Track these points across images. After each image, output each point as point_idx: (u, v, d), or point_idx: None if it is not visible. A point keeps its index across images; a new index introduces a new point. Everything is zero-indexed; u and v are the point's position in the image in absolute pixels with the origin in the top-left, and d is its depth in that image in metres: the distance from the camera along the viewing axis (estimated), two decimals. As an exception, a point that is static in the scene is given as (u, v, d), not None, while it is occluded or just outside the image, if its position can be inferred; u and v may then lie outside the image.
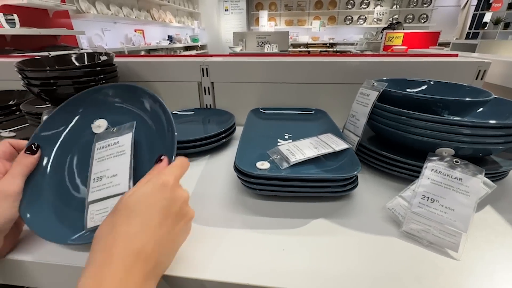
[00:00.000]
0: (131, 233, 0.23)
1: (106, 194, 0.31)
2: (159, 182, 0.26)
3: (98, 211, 0.31)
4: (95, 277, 0.20)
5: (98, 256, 0.22)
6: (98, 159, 0.34)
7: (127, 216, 0.24)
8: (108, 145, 0.35)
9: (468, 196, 0.33)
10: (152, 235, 0.24)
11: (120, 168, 0.32)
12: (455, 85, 0.50)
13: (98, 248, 0.23)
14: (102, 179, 0.32)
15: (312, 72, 0.67)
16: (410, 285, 0.28)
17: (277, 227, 0.36)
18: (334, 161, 0.44)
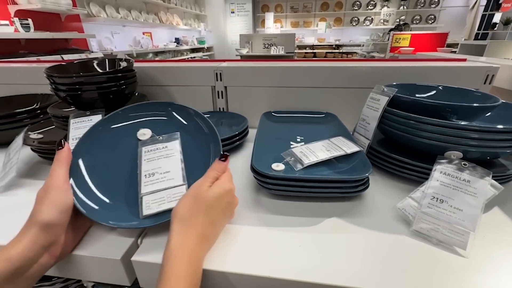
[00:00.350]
0: (205, 223, 0.32)
1: (160, 187, 0.37)
2: (227, 188, 0.35)
3: (153, 201, 0.36)
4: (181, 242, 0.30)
5: (181, 231, 0.30)
6: (147, 159, 0.39)
7: (206, 207, 0.32)
8: (156, 149, 0.40)
9: (476, 197, 0.35)
10: (215, 224, 0.34)
11: (172, 167, 0.38)
12: (464, 90, 0.52)
13: (182, 224, 0.31)
14: (154, 175, 0.38)
15: (322, 77, 0.69)
16: (420, 280, 0.29)
17: (292, 225, 0.38)
18: (346, 163, 0.46)
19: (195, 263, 0.29)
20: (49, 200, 0.32)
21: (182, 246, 0.29)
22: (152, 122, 0.46)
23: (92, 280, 0.38)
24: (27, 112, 0.69)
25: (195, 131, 0.44)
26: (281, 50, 4.10)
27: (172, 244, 0.29)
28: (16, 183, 0.50)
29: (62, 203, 0.32)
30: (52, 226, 0.31)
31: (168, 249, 0.29)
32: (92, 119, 0.55)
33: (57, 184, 0.33)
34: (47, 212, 0.31)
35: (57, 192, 0.33)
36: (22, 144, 0.51)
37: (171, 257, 0.28)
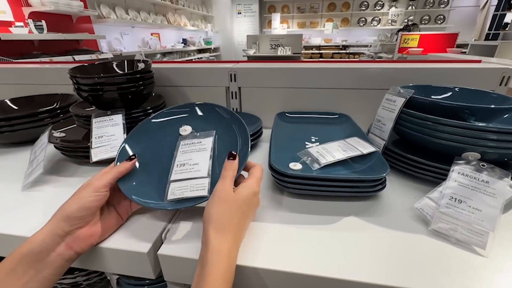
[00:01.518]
0: (237, 226, 0.33)
1: (187, 176, 0.39)
2: (253, 192, 0.36)
3: (178, 188, 0.38)
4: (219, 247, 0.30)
5: (218, 235, 0.31)
6: (182, 151, 0.42)
7: (237, 209, 0.34)
8: (192, 143, 0.43)
9: (495, 198, 0.35)
10: (243, 226, 0.35)
11: (201, 160, 0.40)
12: (480, 91, 0.52)
13: (218, 228, 0.32)
14: (184, 166, 0.40)
15: (335, 78, 0.70)
16: (440, 277, 0.30)
17: (311, 223, 0.39)
18: (362, 164, 0.46)
19: (232, 267, 0.30)
20: (79, 195, 0.35)
21: (221, 250, 0.30)
22: (194, 119, 0.49)
23: (117, 273, 0.39)
24: (48, 111, 0.71)
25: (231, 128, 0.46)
26: (288, 51, 4.10)
27: (212, 247, 0.30)
28: (42, 179, 0.52)
29: (88, 201, 0.34)
30: (71, 219, 0.33)
31: (209, 251, 0.29)
32: (113, 119, 0.57)
33: (95, 185, 0.35)
34: (70, 204, 0.34)
35: (89, 191, 0.35)
36: (47, 142, 0.53)
37: (212, 261, 0.29)
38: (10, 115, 0.66)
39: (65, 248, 0.32)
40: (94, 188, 0.35)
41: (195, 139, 0.43)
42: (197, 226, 0.39)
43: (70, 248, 0.33)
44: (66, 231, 0.33)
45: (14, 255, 0.31)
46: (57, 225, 0.33)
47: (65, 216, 0.33)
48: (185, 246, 0.35)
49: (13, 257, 0.30)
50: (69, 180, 0.53)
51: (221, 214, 0.32)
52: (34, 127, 0.69)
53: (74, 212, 0.33)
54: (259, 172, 0.38)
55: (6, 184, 0.52)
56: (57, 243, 0.32)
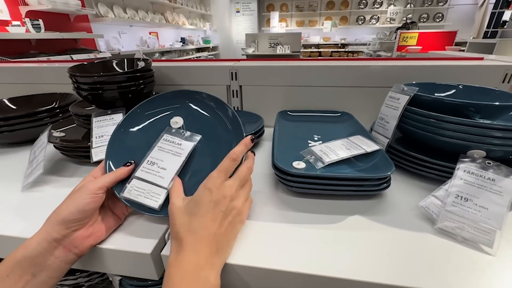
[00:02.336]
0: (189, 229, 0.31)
1: (150, 179, 0.38)
2: (205, 188, 0.33)
3: (136, 188, 0.37)
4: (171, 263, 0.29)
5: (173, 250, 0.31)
6: (159, 148, 0.40)
7: (190, 214, 0.32)
8: (173, 141, 0.40)
9: (501, 196, 0.35)
10: (208, 230, 0.31)
11: (171, 165, 0.38)
12: (484, 89, 0.52)
13: (173, 242, 0.31)
14: (153, 165, 0.38)
15: (336, 76, 0.70)
16: (448, 276, 0.30)
17: (316, 222, 0.39)
18: (366, 162, 0.46)
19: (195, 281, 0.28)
20: (72, 198, 0.34)
21: (175, 264, 0.29)
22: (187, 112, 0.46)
23: (119, 274, 0.39)
24: (47, 111, 0.71)
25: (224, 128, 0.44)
26: (287, 50, 4.10)
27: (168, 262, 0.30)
28: (42, 179, 0.52)
29: (83, 204, 0.33)
30: (67, 222, 0.32)
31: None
32: (113, 118, 0.56)
33: (90, 187, 0.34)
34: (66, 207, 0.33)
35: (85, 193, 0.34)
36: (47, 142, 0.52)
37: (168, 276, 0.28)
38: (9, 115, 0.65)
39: (63, 251, 0.32)
40: (90, 190, 0.34)
41: (177, 138, 0.41)
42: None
43: (68, 251, 0.32)
44: (63, 234, 0.32)
45: (8, 261, 0.30)
46: (53, 228, 0.32)
47: (61, 219, 0.32)
48: (189, 246, 0.35)
49: (7, 263, 0.30)
50: (69, 180, 0.52)
51: (175, 225, 0.32)
52: (33, 127, 0.69)
53: (70, 215, 0.32)
54: (226, 160, 0.34)
55: (5, 184, 0.51)
56: (54, 246, 0.31)
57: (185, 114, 0.46)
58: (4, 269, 0.29)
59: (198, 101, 0.46)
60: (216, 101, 0.45)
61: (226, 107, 0.44)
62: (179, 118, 0.44)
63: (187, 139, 0.41)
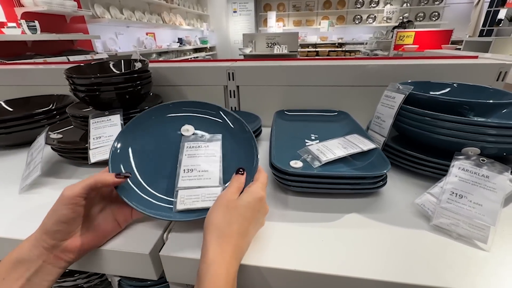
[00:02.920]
0: (238, 233, 0.31)
1: (197, 184, 0.38)
2: (258, 197, 0.34)
3: (188, 197, 0.37)
4: (217, 256, 0.29)
5: (217, 243, 0.29)
6: (188, 155, 0.40)
7: (238, 216, 0.32)
8: (198, 146, 0.41)
9: (495, 192, 0.35)
10: (247, 234, 0.33)
11: (211, 167, 0.39)
12: (478, 87, 0.52)
13: (217, 235, 0.30)
14: (193, 171, 0.38)
15: (333, 76, 0.70)
16: (443, 272, 0.30)
17: (313, 221, 0.39)
18: (362, 161, 0.46)
19: (231, 278, 0.28)
20: (53, 207, 0.32)
21: (219, 260, 0.28)
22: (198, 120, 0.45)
23: (118, 275, 0.39)
24: (44, 113, 0.70)
25: (239, 133, 0.43)
26: (285, 49, 4.10)
27: (209, 258, 0.28)
28: (40, 181, 0.52)
29: (61, 215, 0.31)
30: (51, 233, 0.31)
31: (205, 263, 0.28)
32: (111, 119, 0.56)
33: (65, 195, 0.32)
34: (48, 218, 0.32)
35: (61, 203, 0.32)
36: (45, 144, 0.52)
37: (210, 273, 0.27)
38: (6, 117, 0.65)
39: (53, 259, 0.31)
40: (66, 199, 0.31)
41: (201, 142, 0.41)
42: (198, 227, 0.39)
43: (59, 259, 0.32)
44: (50, 244, 0.31)
45: (3, 264, 0.30)
46: (41, 237, 0.31)
47: (45, 230, 0.31)
48: (187, 246, 0.35)
49: (3, 266, 0.30)
50: (67, 182, 0.52)
51: (221, 220, 0.31)
52: (30, 129, 0.68)
53: (51, 226, 0.31)
54: (264, 177, 0.37)
55: (3, 186, 0.51)
56: (45, 254, 0.31)
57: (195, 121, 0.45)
58: (0, 272, 0.29)
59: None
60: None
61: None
62: (189, 126, 0.44)
63: (211, 141, 0.41)
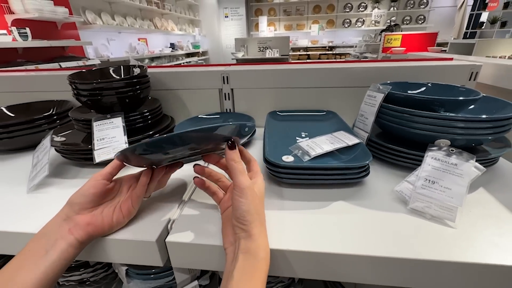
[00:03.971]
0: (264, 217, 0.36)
1: None
2: (263, 183, 0.38)
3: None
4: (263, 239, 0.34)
5: (260, 228, 0.34)
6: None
7: (261, 204, 0.36)
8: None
9: (462, 178, 0.40)
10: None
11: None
12: (450, 86, 0.58)
13: (258, 220, 0.34)
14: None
15: (322, 78, 0.75)
16: (419, 247, 0.35)
17: (304, 208, 0.43)
18: (348, 154, 0.51)
19: (269, 261, 0.33)
20: (82, 186, 0.39)
21: (266, 246, 0.33)
22: None
23: (126, 263, 0.42)
24: (45, 117, 0.73)
25: None
26: (276, 53, 4.18)
27: (260, 244, 0.32)
28: (46, 182, 0.54)
29: (85, 189, 0.38)
30: (72, 204, 0.37)
31: (258, 248, 0.32)
32: (113, 121, 0.60)
33: (94, 177, 0.39)
34: (74, 194, 0.38)
35: (89, 182, 0.39)
36: (50, 146, 0.55)
37: (262, 257, 0.31)
38: (8, 122, 0.67)
39: (67, 232, 0.35)
40: (93, 177, 0.39)
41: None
42: (200, 216, 0.42)
43: (71, 233, 0.35)
44: (68, 215, 0.36)
45: (32, 240, 0.35)
46: (63, 210, 0.37)
47: (69, 202, 0.37)
48: (190, 233, 0.39)
49: (31, 241, 0.34)
50: (72, 181, 0.55)
51: (258, 209, 0.34)
52: (32, 133, 0.71)
53: (74, 198, 0.37)
54: (258, 166, 0.41)
55: (10, 188, 0.54)
56: (62, 226, 0.36)
57: None
58: (29, 245, 0.34)
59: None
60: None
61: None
62: None
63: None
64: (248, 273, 0.30)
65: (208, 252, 0.38)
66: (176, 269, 0.43)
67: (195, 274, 0.47)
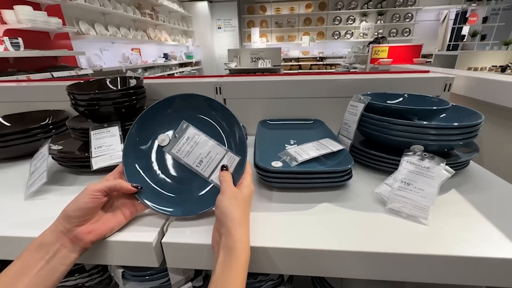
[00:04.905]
0: (248, 217, 0.40)
1: (216, 164, 0.45)
2: (252, 188, 0.43)
3: (215, 177, 0.45)
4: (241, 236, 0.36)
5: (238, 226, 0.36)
6: (185, 155, 0.46)
7: (245, 204, 0.40)
8: (182, 144, 0.46)
9: (433, 180, 0.44)
10: (249, 216, 0.41)
11: (208, 146, 0.46)
12: (424, 96, 0.63)
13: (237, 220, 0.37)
14: (202, 161, 0.45)
15: (310, 89, 0.80)
16: (395, 243, 0.38)
17: (291, 210, 0.46)
18: (332, 160, 0.55)
19: (249, 253, 0.36)
20: (76, 197, 0.39)
21: (244, 240, 0.35)
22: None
23: (123, 264, 0.44)
24: (41, 127, 0.75)
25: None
26: (268, 64, 4.27)
27: (236, 238, 0.35)
28: (43, 189, 0.56)
29: (82, 203, 0.38)
30: (69, 218, 0.37)
31: (235, 242, 0.34)
32: (110, 130, 0.62)
33: (88, 189, 0.39)
34: (69, 205, 0.39)
35: (84, 194, 0.39)
36: (48, 154, 0.57)
37: (238, 249, 0.34)
38: (4, 132, 0.69)
39: (69, 242, 0.37)
40: (89, 191, 0.39)
41: (179, 140, 0.46)
42: (194, 218, 0.45)
43: (73, 243, 0.37)
44: (66, 228, 0.37)
45: (29, 248, 0.35)
46: (60, 222, 0.37)
47: (65, 215, 0.38)
48: (185, 235, 0.41)
49: (28, 250, 0.35)
50: (69, 188, 0.57)
51: (238, 210, 0.38)
52: (27, 143, 0.72)
53: (71, 212, 0.38)
54: (249, 169, 0.45)
55: (8, 195, 0.55)
56: (61, 237, 0.37)
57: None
58: (26, 254, 0.35)
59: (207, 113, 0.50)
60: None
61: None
62: (164, 136, 0.48)
63: (184, 132, 0.46)
64: (227, 266, 0.33)
65: (202, 251, 0.40)
66: (171, 270, 0.45)
67: (189, 276, 0.49)
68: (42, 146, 0.60)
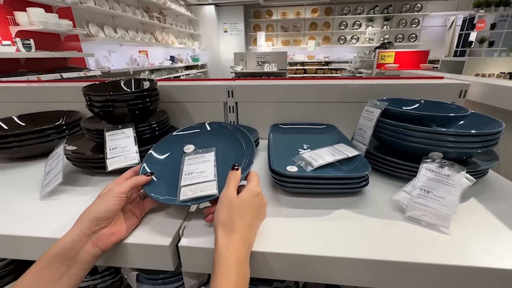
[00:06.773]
0: (243, 226, 0.38)
1: (197, 181, 0.45)
2: (255, 192, 0.41)
3: (189, 190, 0.44)
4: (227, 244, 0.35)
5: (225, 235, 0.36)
6: (188, 164, 0.48)
7: (241, 211, 0.39)
8: (196, 157, 0.49)
9: (454, 188, 0.43)
10: (252, 226, 0.39)
11: (206, 168, 0.46)
12: (441, 103, 0.62)
13: (225, 229, 0.37)
14: (192, 174, 0.46)
15: (321, 93, 0.79)
16: (415, 252, 0.37)
17: (307, 216, 0.46)
18: (348, 166, 0.54)
19: (242, 261, 0.35)
20: (102, 199, 0.40)
21: (229, 247, 0.35)
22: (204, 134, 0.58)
23: (139, 267, 0.44)
24: (55, 127, 0.75)
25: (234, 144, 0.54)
26: (274, 67, 4.28)
27: (220, 246, 0.35)
28: (58, 189, 0.56)
29: (111, 204, 0.39)
30: (97, 220, 0.38)
31: (217, 251, 0.34)
32: (124, 132, 0.62)
33: (116, 191, 0.41)
34: (96, 207, 0.39)
35: (111, 196, 0.40)
36: (64, 154, 0.57)
37: (221, 257, 0.34)
38: (20, 131, 0.69)
39: (91, 246, 0.37)
40: (115, 193, 0.40)
41: (198, 154, 0.50)
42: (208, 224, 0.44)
43: (95, 246, 0.37)
44: (92, 230, 0.37)
45: (47, 255, 0.35)
46: (85, 225, 0.37)
47: (92, 217, 0.38)
48: (201, 239, 0.41)
49: (46, 256, 0.35)
50: (83, 189, 0.57)
51: (227, 217, 0.37)
52: (41, 143, 0.73)
53: (100, 214, 0.38)
54: (255, 176, 0.44)
55: (23, 194, 0.55)
56: (84, 241, 0.37)
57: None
58: (44, 261, 0.34)
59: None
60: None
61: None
62: (190, 145, 0.54)
63: (206, 152, 0.49)
64: (215, 271, 0.33)
65: (218, 256, 0.40)
66: (186, 274, 0.45)
67: (202, 280, 0.48)
68: (57, 147, 0.61)
